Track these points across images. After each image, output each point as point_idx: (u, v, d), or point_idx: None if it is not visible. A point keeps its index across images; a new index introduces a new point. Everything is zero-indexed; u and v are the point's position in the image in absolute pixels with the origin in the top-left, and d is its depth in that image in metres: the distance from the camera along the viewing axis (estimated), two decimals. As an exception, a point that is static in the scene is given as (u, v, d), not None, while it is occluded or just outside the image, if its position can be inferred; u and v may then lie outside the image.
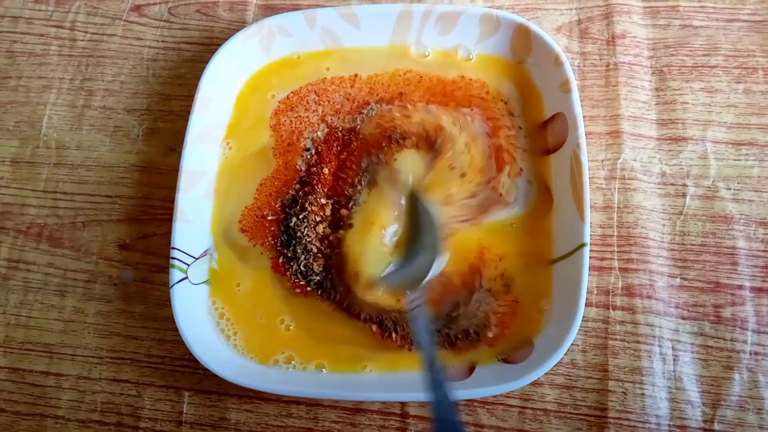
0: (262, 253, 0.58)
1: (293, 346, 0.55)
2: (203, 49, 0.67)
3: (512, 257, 0.56)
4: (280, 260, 0.58)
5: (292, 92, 0.63)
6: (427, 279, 0.53)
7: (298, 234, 0.57)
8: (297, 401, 0.55)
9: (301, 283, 0.57)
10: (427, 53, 0.63)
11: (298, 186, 0.60)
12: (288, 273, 0.57)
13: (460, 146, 0.58)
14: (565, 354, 0.50)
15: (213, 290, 0.57)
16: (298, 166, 0.61)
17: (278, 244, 0.58)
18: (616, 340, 0.54)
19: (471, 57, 0.62)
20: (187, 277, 0.55)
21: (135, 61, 0.68)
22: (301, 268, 0.57)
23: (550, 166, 0.58)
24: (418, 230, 0.56)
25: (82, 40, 0.69)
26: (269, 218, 0.59)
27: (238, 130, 0.62)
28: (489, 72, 0.62)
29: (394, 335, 0.54)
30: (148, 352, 0.58)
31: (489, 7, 0.65)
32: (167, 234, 0.55)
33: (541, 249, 0.55)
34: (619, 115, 0.60)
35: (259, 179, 0.60)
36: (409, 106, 0.60)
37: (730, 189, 0.58)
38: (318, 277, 0.57)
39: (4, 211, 0.63)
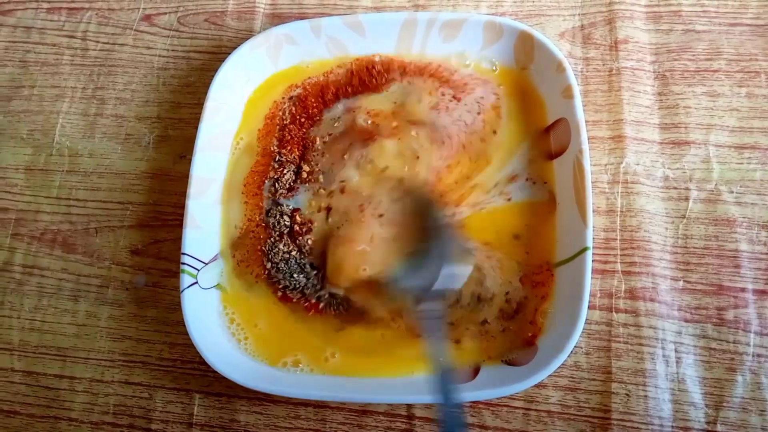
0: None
1: (303, 348, 0.56)
2: (212, 58, 0.68)
3: (516, 261, 0.57)
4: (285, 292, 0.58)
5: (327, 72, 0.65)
6: (447, 287, 0.53)
7: (276, 246, 0.58)
8: (305, 403, 0.56)
9: (313, 303, 0.57)
10: (467, 63, 0.63)
11: (275, 167, 0.62)
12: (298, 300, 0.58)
13: None
14: (569, 356, 0.50)
15: (223, 295, 0.58)
16: (272, 146, 0.62)
17: (269, 273, 0.59)
18: (619, 342, 0.55)
19: (495, 69, 0.63)
20: (197, 282, 0.56)
21: (145, 70, 0.69)
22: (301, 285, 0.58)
23: (553, 171, 0.58)
24: (431, 236, 0.55)
25: (93, 50, 0.71)
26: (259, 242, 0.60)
27: (246, 133, 0.63)
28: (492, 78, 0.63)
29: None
30: (159, 355, 0.59)
31: (492, 14, 0.66)
32: (178, 239, 0.56)
33: (545, 252, 0.56)
34: (622, 119, 0.61)
35: (243, 176, 0.62)
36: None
37: (732, 192, 0.58)
38: (323, 292, 0.57)
39: (18, 218, 0.65)
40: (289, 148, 0.62)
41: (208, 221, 0.59)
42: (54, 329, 0.61)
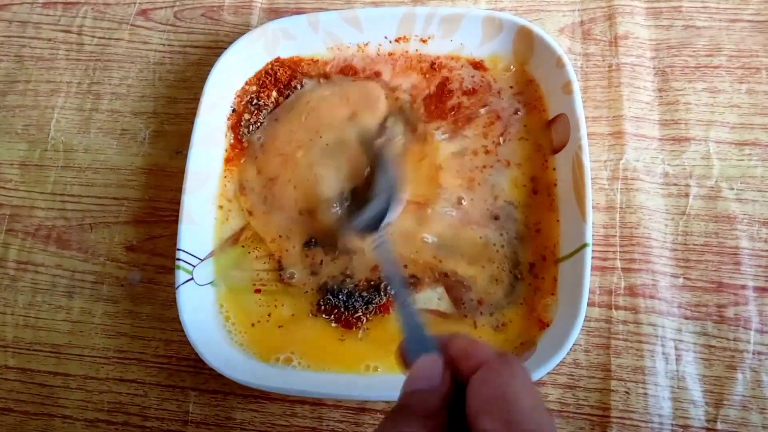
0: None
1: (298, 345, 0.56)
2: (208, 53, 0.68)
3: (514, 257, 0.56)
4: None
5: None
6: (387, 220, 0.53)
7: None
8: (302, 401, 0.56)
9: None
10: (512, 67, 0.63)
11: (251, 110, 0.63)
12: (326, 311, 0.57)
13: None
14: (568, 354, 0.50)
15: (219, 292, 0.57)
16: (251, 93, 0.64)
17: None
18: (618, 339, 0.54)
19: (511, 67, 0.63)
20: (192, 278, 0.55)
21: (141, 65, 0.69)
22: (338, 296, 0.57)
23: (552, 167, 0.58)
24: (377, 177, 0.57)
25: (89, 45, 0.70)
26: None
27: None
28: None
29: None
30: (154, 352, 0.59)
31: (492, 9, 0.66)
32: (173, 235, 0.56)
33: (544, 249, 0.56)
34: (622, 115, 0.61)
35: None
36: None
37: (733, 189, 0.58)
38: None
39: (12, 214, 0.64)
40: (267, 92, 0.63)
41: (204, 217, 0.58)
42: (48, 326, 0.60)
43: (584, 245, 0.51)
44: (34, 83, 0.69)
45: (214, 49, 0.67)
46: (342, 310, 0.56)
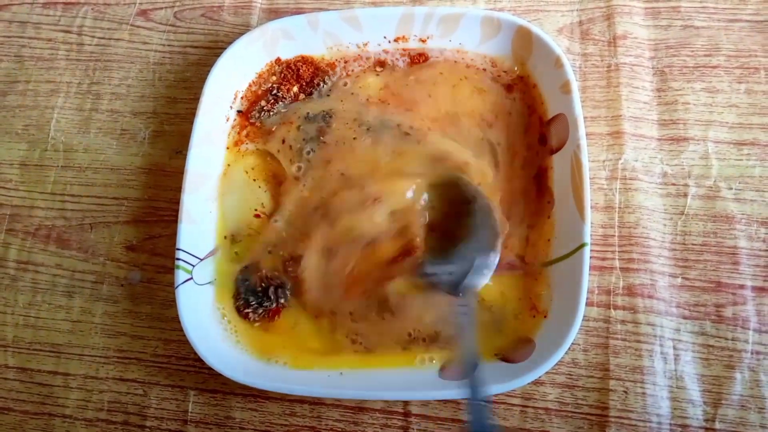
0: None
1: (297, 345, 0.56)
2: (208, 53, 0.68)
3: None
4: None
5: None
6: (477, 284, 0.51)
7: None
8: (301, 400, 0.56)
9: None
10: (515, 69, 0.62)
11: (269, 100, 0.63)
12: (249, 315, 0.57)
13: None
14: (566, 353, 0.50)
15: (217, 291, 0.58)
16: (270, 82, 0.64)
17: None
18: (617, 339, 0.55)
19: (515, 69, 0.63)
20: (192, 278, 0.55)
21: (141, 65, 0.69)
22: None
23: (551, 167, 0.58)
24: (464, 219, 0.53)
25: (89, 45, 0.70)
26: None
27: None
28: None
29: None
30: (154, 351, 0.59)
31: (490, 9, 0.66)
32: (173, 235, 0.56)
33: (542, 248, 0.56)
34: (621, 115, 0.61)
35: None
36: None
37: (731, 189, 0.58)
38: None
39: (13, 214, 0.65)
40: (287, 86, 0.63)
41: (203, 217, 0.58)
42: (48, 325, 0.61)
43: (583, 245, 0.51)
44: (34, 83, 0.69)
45: (214, 49, 0.68)
46: (241, 300, 0.57)
